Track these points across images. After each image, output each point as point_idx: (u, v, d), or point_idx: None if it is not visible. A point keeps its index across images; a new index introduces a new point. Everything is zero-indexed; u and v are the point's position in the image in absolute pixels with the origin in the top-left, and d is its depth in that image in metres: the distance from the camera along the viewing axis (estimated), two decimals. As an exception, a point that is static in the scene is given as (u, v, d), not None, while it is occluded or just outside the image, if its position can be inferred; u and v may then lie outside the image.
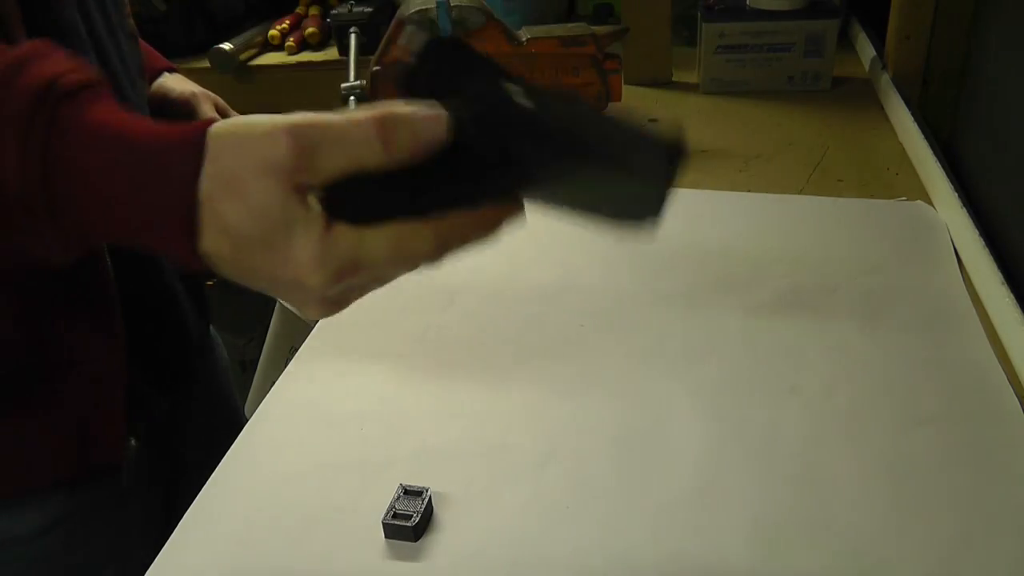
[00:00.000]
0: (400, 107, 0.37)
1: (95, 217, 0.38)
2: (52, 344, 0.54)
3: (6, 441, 0.55)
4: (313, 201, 0.37)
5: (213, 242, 0.38)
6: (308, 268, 0.37)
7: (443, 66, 0.37)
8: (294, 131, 0.36)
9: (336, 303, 0.40)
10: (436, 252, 0.39)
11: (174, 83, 0.73)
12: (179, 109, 0.70)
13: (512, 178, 0.38)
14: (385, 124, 0.36)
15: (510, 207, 0.39)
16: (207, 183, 0.37)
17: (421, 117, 0.36)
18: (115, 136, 0.38)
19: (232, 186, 0.37)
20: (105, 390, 0.57)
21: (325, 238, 0.37)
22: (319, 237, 0.37)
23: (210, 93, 0.73)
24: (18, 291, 0.51)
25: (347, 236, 0.37)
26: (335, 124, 0.36)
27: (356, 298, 0.41)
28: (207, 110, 0.70)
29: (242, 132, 0.37)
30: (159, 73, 0.73)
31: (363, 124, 0.36)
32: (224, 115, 0.72)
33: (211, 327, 0.76)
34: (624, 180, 0.37)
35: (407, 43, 0.34)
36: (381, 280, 0.40)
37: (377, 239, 0.38)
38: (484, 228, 0.39)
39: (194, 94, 0.71)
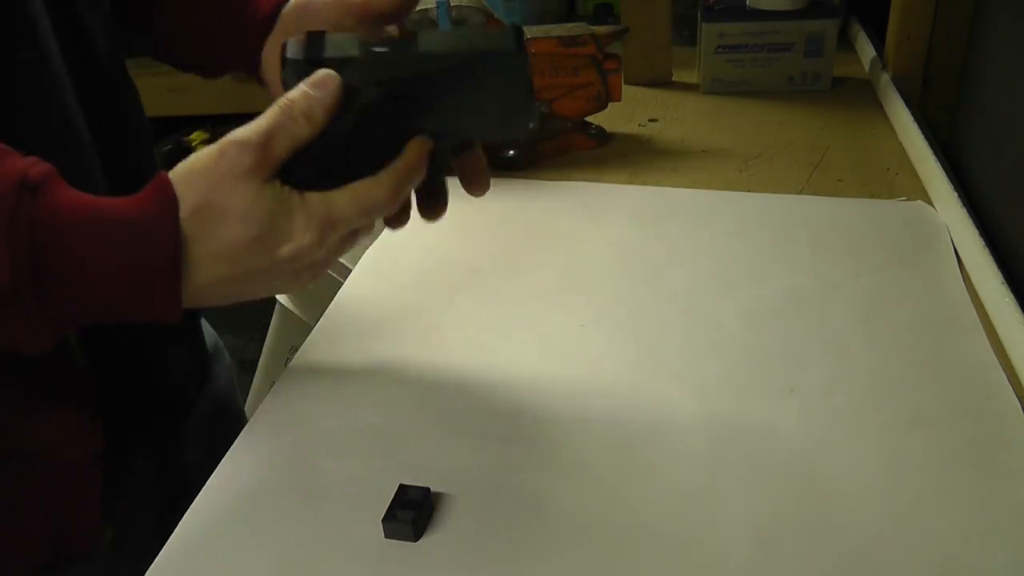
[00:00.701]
0: (294, 90, 0.45)
1: (84, 293, 0.42)
2: (19, 435, 0.52)
3: None
4: (278, 184, 0.44)
5: (208, 271, 0.43)
6: (301, 232, 0.44)
7: (315, 50, 0.46)
8: (243, 139, 0.43)
9: (322, 264, 0.46)
10: (392, 197, 0.46)
11: None
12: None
13: (404, 111, 0.47)
14: (295, 102, 0.44)
15: (422, 144, 0.47)
16: (189, 220, 0.42)
17: (312, 82, 0.45)
18: (93, 213, 0.42)
19: (214, 208, 0.43)
20: (80, 481, 0.54)
21: (304, 205, 0.45)
22: (300, 205, 0.44)
23: None
24: None
25: (316, 198, 0.45)
26: (267, 122, 0.44)
27: (335, 257, 0.47)
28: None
29: (200, 163, 0.44)
30: None
31: (283, 109, 0.44)
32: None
33: (216, 335, 0.75)
34: (488, 65, 0.46)
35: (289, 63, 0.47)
36: (354, 236, 0.48)
37: (341, 195, 0.45)
38: (416, 169, 0.47)
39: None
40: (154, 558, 0.48)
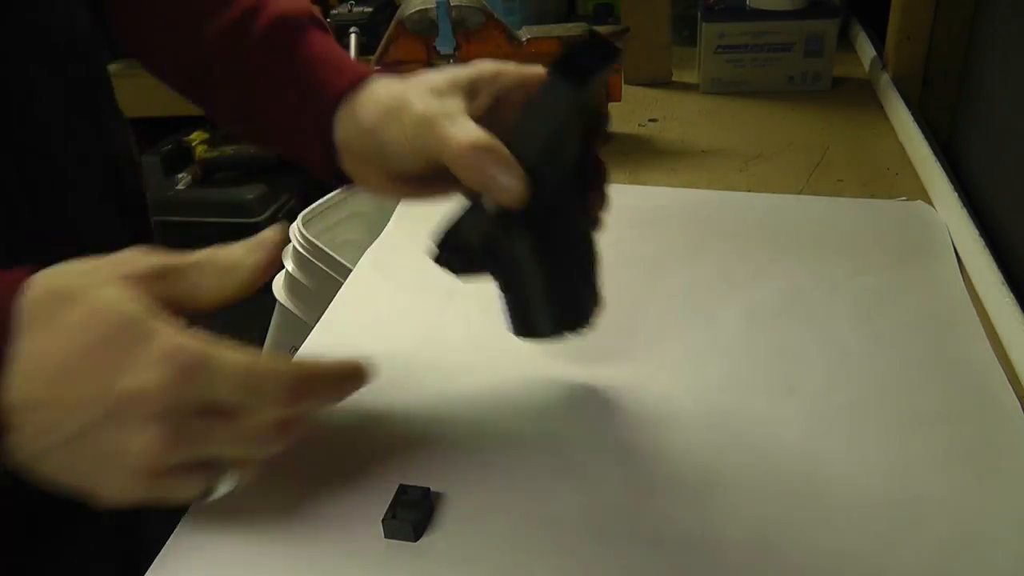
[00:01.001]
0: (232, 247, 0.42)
1: None
2: None
3: None
4: (157, 307, 0.37)
5: (28, 380, 0.34)
6: (149, 367, 0.35)
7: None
8: (147, 251, 0.39)
9: (161, 450, 0.36)
10: (283, 393, 0.39)
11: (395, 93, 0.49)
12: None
13: (551, 211, 0.48)
14: (222, 255, 0.42)
15: (355, 369, 0.44)
16: (35, 302, 0.35)
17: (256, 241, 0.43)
18: None
19: (68, 292, 0.36)
20: None
21: (172, 339, 0.36)
22: (166, 335, 0.36)
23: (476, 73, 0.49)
24: None
25: (196, 341, 0.37)
26: (182, 258, 0.40)
27: (183, 484, 0.40)
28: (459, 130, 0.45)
29: (91, 260, 0.38)
30: (357, 82, 0.51)
31: (207, 254, 0.41)
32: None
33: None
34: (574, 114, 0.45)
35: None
36: (217, 437, 0.39)
37: (232, 352, 0.38)
38: (336, 389, 0.43)
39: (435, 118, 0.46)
40: None
